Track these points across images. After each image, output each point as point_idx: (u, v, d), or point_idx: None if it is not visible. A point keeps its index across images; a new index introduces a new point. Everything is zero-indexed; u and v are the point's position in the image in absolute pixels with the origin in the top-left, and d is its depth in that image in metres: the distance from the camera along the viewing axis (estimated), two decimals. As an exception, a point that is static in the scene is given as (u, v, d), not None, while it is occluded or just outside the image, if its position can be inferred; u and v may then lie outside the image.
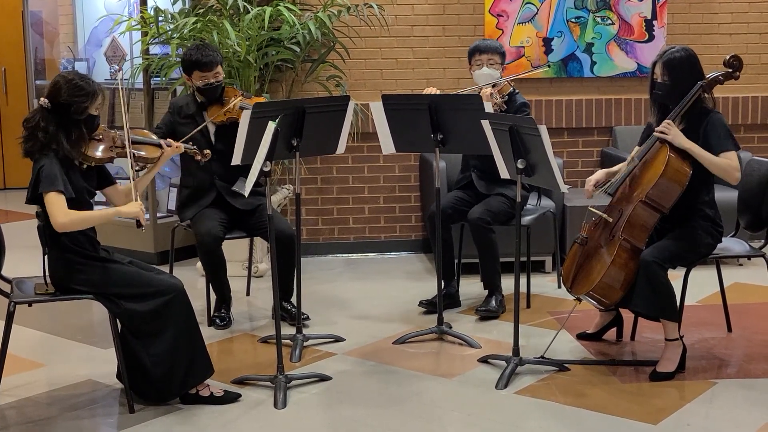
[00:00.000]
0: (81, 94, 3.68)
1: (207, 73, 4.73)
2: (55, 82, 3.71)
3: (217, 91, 4.79)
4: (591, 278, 4.08)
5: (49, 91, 3.71)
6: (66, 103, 3.67)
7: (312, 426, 3.68)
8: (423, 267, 6.24)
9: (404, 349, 4.55)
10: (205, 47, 4.78)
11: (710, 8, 6.62)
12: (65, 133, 3.68)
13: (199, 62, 4.70)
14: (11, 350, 3.88)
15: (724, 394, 3.90)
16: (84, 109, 3.70)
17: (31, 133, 3.69)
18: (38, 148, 3.66)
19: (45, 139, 3.65)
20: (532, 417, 3.72)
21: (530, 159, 4.03)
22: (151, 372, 3.74)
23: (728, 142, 4.02)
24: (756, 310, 5.05)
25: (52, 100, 3.68)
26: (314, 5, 6.19)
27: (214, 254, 4.77)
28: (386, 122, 4.59)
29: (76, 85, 3.68)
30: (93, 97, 3.72)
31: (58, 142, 3.66)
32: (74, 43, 7.12)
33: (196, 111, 4.83)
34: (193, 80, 4.78)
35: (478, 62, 5.04)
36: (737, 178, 4.03)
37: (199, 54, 4.71)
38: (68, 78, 3.71)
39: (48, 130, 3.65)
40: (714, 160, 4.00)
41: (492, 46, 5.07)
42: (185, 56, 4.78)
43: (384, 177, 6.56)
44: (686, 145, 4.00)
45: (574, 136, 6.57)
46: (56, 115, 3.68)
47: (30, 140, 3.68)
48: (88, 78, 3.77)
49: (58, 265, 3.74)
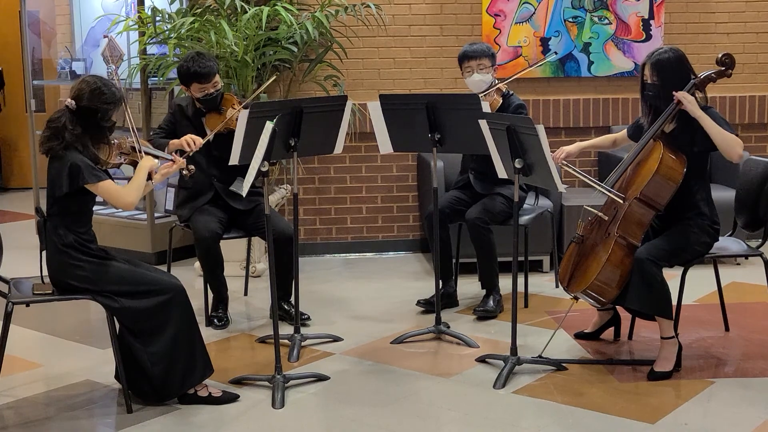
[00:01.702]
0: (108, 102, 3.74)
1: (206, 85, 4.69)
2: (80, 87, 3.74)
3: (217, 101, 4.77)
4: (587, 276, 4.09)
5: (75, 95, 3.73)
6: (94, 108, 3.71)
7: (310, 426, 3.69)
8: (421, 267, 6.24)
9: (402, 348, 4.55)
10: (201, 57, 4.70)
11: (707, 8, 6.62)
12: (90, 137, 3.74)
13: (198, 74, 4.65)
14: (9, 350, 3.88)
15: (721, 393, 3.90)
16: (110, 117, 3.77)
17: (54, 133, 3.71)
18: (63, 146, 3.68)
19: (72, 139, 3.69)
20: (530, 416, 3.73)
21: (528, 159, 4.03)
22: (150, 372, 3.74)
23: (729, 129, 4.04)
24: (753, 310, 5.05)
25: (78, 103, 3.71)
26: (311, 5, 6.19)
27: (213, 253, 4.77)
28: (384, 122, 4.59)
29: (103, 93, 3.72)
30: (119, 105, 3.79)
31: (85, 144, 3.71)
32: (72, 43, 7.12)
33: (194, 115, 4.83)
34: (191, 92, 4.74)
35: (468, 69, 4.98)
36: (740, 155, 4.04)
37: (196, 66, 4.65)
38: (96, 85, 3.73)
39: (75, 131, 3.69)
40: (723, 132, 4.00)
41: (479, 50, 4.98)
42: (182, 68, 4.71)
43: (382, 177, 6.56)
44: (698, 113, 4.02)
45: (571, 135, 6.57)
46: (82, 119, 3.72)
47: (54, 139, 3.70)
48: (113, 85, 3.81)
49: (56, 263, 3.75)
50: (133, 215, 6.38)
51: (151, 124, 6.27)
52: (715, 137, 4.01)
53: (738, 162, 4.11)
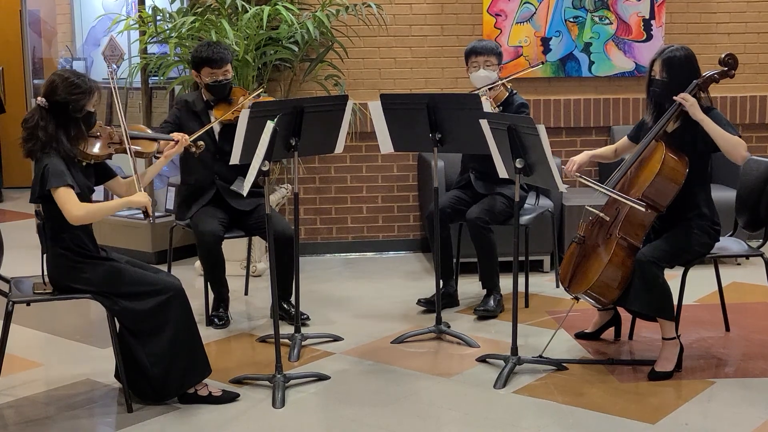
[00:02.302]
0: (78, 92, 3.68)
1: (217, 70, 4.73)
2: (51, 80, 3.71)
3: (226, 89, 4.79)
4: (588, 277, 4.09)
5: (45, 90, 3.70)
6: (63, 101, 3.66)
7: (310, 425, 3.68)
8: (421, 266, 6.24)
9: (402, 348, 4.55)
10: (216, 44, 4.81)
11: (708, 8, 6.62)
12: (65, 132, 3.68)
13: (210, 59, 4.71)
14: (9, 350, 3.88)
15: (722, 394, 3.90)
16: (82, 107, 3.70)
17: (30, 133, 3.69)
18: (39, 147, 3.66)
19: (45, 138, 3.65)
20: (530, 416, 3.72)
21: (529, 158, 4.03)
22: (150, 371, 3.74)
23: (732, 130, 4.04)
24: (754, 310, 5.05)
25: (49, 99, 3.68)
26: (312, 4, 6.18)
27: (214, 253, 4.77)
28: (385, 122, 4.59)
29: (73, 83, 3.67)
30: (90, 95, 3.72)
31: (58, 140, 3.66)
32: (72, 42, 7.12)
33: (203, 109, 4.83)
34: (202, 76, 4.77)
35: (474, 64, 5.03)
36: (744, 156, 4.03)
37: (210, 51, 4.73)
38: (64, 76, 3.70)
39: (48, 129, 3.65)
40: (725, 134, 4.00)
41: (488, 47, 5.05)
42: (196, 52, 4.79)
43: (382, 176, 6.56)
44: (699, 116, 4.02)
45: (572, 135, 6.57)
46: (54, 114, 3.68)
47: (30, 140, 3.68)
48: (84, 75, 3.77)
49: (56, 264, 3.74)
50: (133, 214, 6.38)
51: (152, 123, 6.27)
52: (718, 140, 4.00)
53: (741, 163, 4.11)
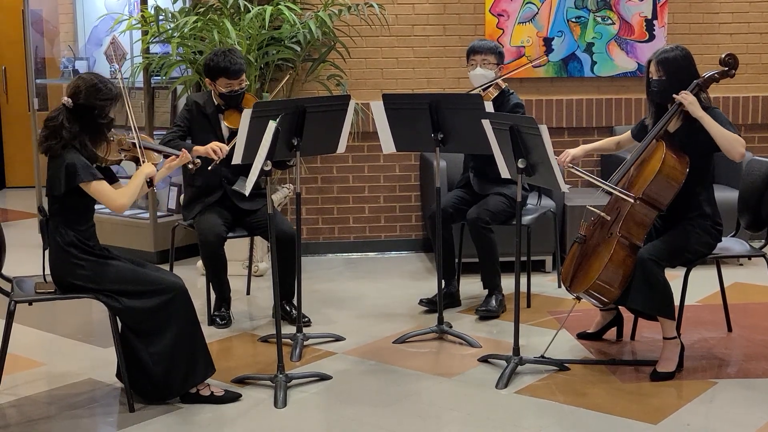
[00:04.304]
0: (104, 98, 3.72)
1: (233, 81, 4.70)
2: (77, 84, 3.73)
3: (240, 98, 4.77)
4: (589, 276, 4.09)
5: (71, 92, 3.73)
6: (90, 105, 3.70)
7: (312, 425, 3.69)
8: (423, 266, 6.24)
9: (404, 348, 4.55)
10: (232, 53, 4.72)
11: (711, 8, 6.62)
12: (89, 134, 3.73)
13: (228, 70, 4.65)
14: (11, 349, 3.88)
15: (724, 394, 3.90)
16: (107, 113, 3.76)
17: (53, 131, 3.70)
18: (61, 145, 3.68)
19: (69, 137, 3.68)
20: (532, 416, 3.72)
21: (531, 158, 4.03)
22: (152, 371, 3.74)
23: (732, 128, 4.04)
24: (756, 310, 5.05)
25: (75, 100, 3.70)
26: (315, 4, 6.19)
27: (217, 253, 4.77)
28: (387, 121, 4.59)
29: (99, 89, 3.72)
30: (115, 101, 3.78)
31: (82, 143, 3.71)
32: (75, 41, 7.12)
33: (213, 113, 4.82)
34: (217, 86, 4.73)
35: (473, 62, 5.05)
36: (742, 154, 4.02)
37: (227, 61, 4.66)
38: (91, 82, 3.73)
39: (72, 129, 3.69)
40: (724, 131, 4.00)
41: (486, 47, 5.05)
42: (212, 61, 4.70)
43: (384, 176, 6.56)
44: (699, 113, 4.03)
45: (574, 135, 6.56)
46: (79, 116, 3.71)
47: (52, 138, 3.70)
48: (108, 81, 3.80)
49: (58, 261, 3.75)
50: (135, 214, 6.39)
51: (154, 123, 6.27)
52: (716, 136, 4.01)
53: (740, 161, 4.10)
